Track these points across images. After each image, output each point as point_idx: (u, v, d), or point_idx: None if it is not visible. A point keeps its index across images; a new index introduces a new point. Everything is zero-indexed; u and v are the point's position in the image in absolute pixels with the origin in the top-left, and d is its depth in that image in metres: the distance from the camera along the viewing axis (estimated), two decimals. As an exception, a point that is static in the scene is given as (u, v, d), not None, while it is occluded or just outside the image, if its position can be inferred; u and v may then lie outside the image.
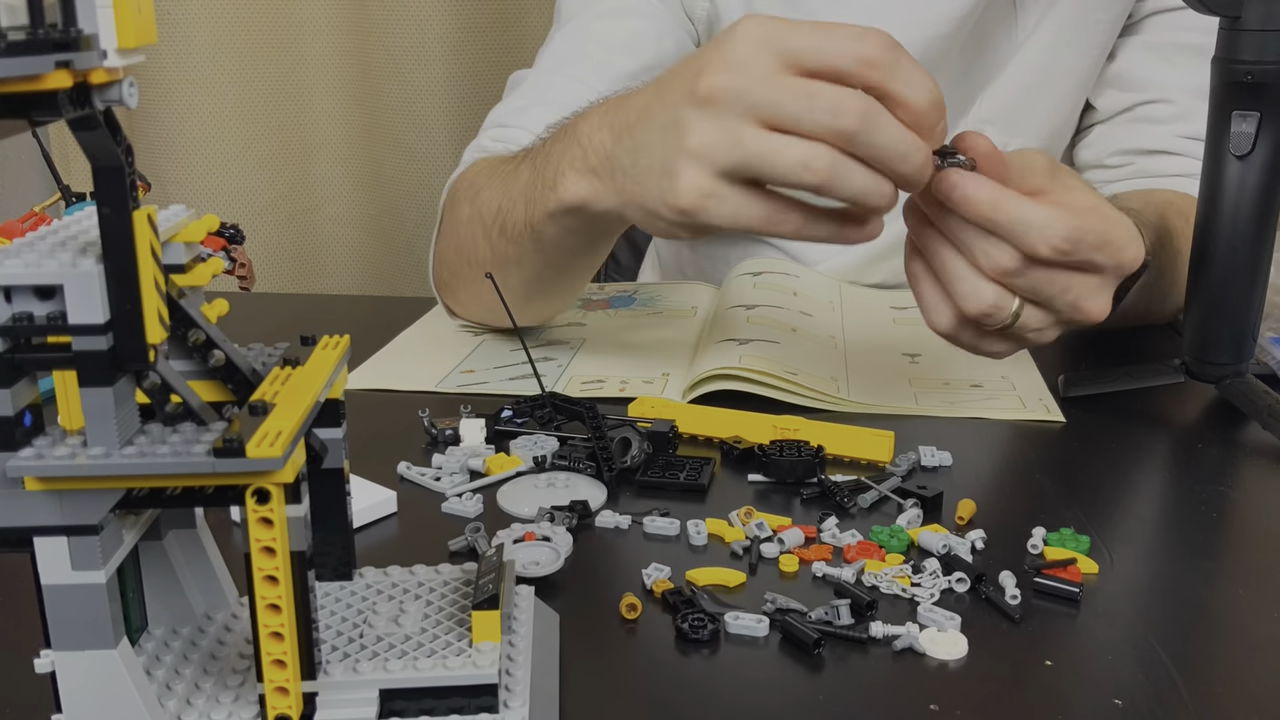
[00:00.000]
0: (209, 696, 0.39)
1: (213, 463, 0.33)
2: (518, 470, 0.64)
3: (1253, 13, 0.64)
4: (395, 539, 0.58)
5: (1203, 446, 0.70)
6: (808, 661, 0.47)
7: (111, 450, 0.34)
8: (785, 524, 0.57)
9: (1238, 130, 0.66)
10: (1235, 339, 0.70)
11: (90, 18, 0.30)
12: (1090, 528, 0.57)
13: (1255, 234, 0.68)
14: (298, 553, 0.36)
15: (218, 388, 0.39)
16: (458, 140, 1.53)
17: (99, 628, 0.35)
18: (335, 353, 0.41)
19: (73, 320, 0.33)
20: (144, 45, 0.32)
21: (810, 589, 0.52)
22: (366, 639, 0.41)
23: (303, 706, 0.37)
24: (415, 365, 0.83)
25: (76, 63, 0.30)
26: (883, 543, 0.55)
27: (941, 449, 0.66)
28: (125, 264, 0.33)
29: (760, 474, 0.63)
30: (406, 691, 0.39)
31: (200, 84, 1.52)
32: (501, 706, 0.39)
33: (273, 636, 0.36)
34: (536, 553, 0.54)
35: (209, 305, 0.40)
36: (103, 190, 0.33)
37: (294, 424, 0.34)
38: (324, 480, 0.43)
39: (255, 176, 1.58)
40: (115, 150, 0.32)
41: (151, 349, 0.34)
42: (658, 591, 0.51)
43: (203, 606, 0.43)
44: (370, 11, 1.54)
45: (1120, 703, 0.44)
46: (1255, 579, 0.54)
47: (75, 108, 0.31)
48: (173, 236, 0.38)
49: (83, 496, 0.34)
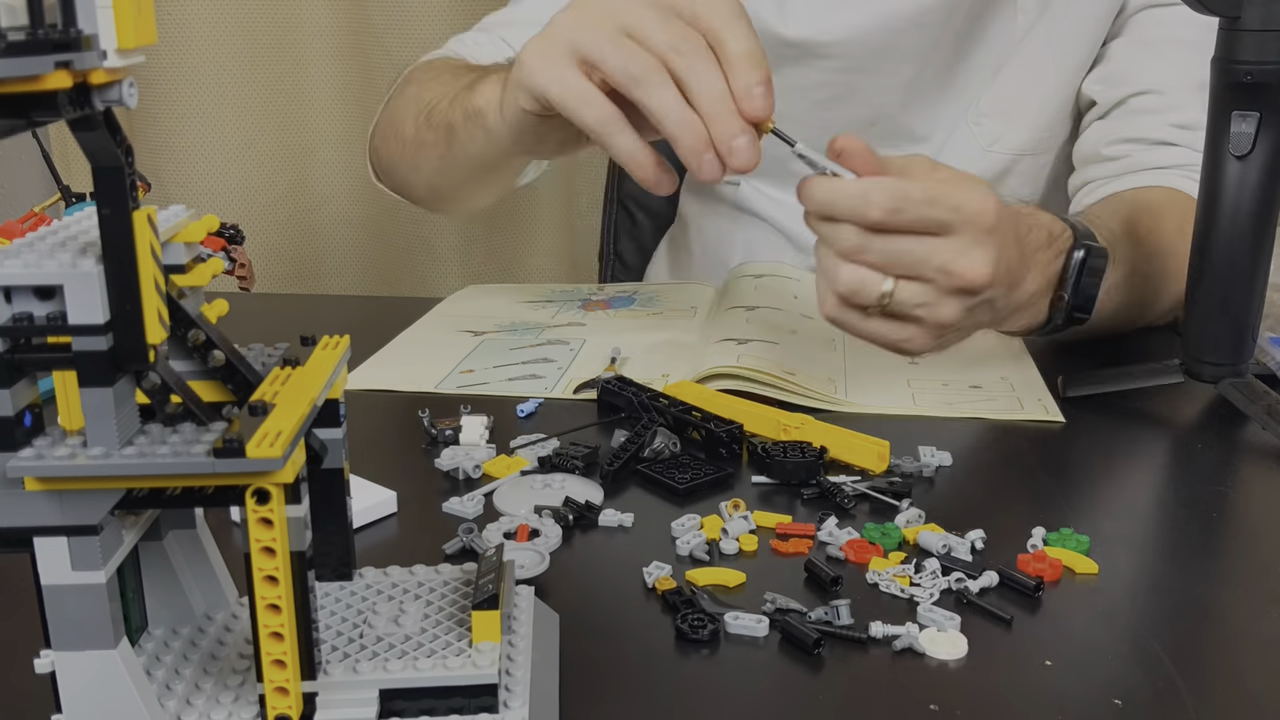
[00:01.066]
0: (209, 697, 0.39)
1: (213, 463, 0.33)
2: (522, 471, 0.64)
3: (1252, 13, 0.64)
4: (395, 539, 0.58)
5: (1202, 446, 0.70)
6: (808, 661, 0.47)
7: (111, 450, 0.34)
8: (785, 520, 0.57)
9: (1237, 130, 0.66)
10: (1235, 339, 0.70)
11: (90, 18, 0.30)
12: (1090, 528, 0.57)
13: (1255, 234, 0.68)
14: (298, 553, 0.36)
15: (218, 388, 0.39)
16: (457, 140, 1.53)
17: (99, 628, 0.35)
18: (335, 353, 0.41)
19: (73, 320, 0.33)
20: (144, 46, 0.32)
21: (810, 590, 0.52)
22: (366, 639, 0.41)
23: (303, 707, 0.37)
24: (415, 365, 0.83)
25: (76, 63, 0.30)
26: (875, 540, 0.56)
27: (941, 449, 0.66)
28: (125, 264, 0.33)
29: (764, 475, 0.63)
30: (406, 691, 0.39)
31: (200, 84, 1.53)
32: (501, 706, 0.39)
33: (273, 637, 0.36)
34: (522, 556, 0.54)
35: (209, 305, 0.40)
36: (103, 191, 0.33)
37: (294, 424, 0.34)
38: (324, 480, 0.43)
39: (255, 176, 1.58)
40: (115, 150, 0.32)
41: (151, 349, 0.34)
42: (660, 589, 0.51)
43: (203, 606, 0.43)
44: (369, 12, 1.54)
45: (1120, 703, 0.44)
46: (1255, 579, 0.54)
47: (75, 108, 0.31)
48: (172, 237, 0.38)
49: (82, 497, 0.34)
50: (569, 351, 0.86)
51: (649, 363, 0.83)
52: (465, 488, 0.63)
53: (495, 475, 0.64)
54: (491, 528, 0.57)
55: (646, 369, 0.81)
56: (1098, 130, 1.00)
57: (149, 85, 1.52)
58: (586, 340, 0.88)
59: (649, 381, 0.76)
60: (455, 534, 0.56)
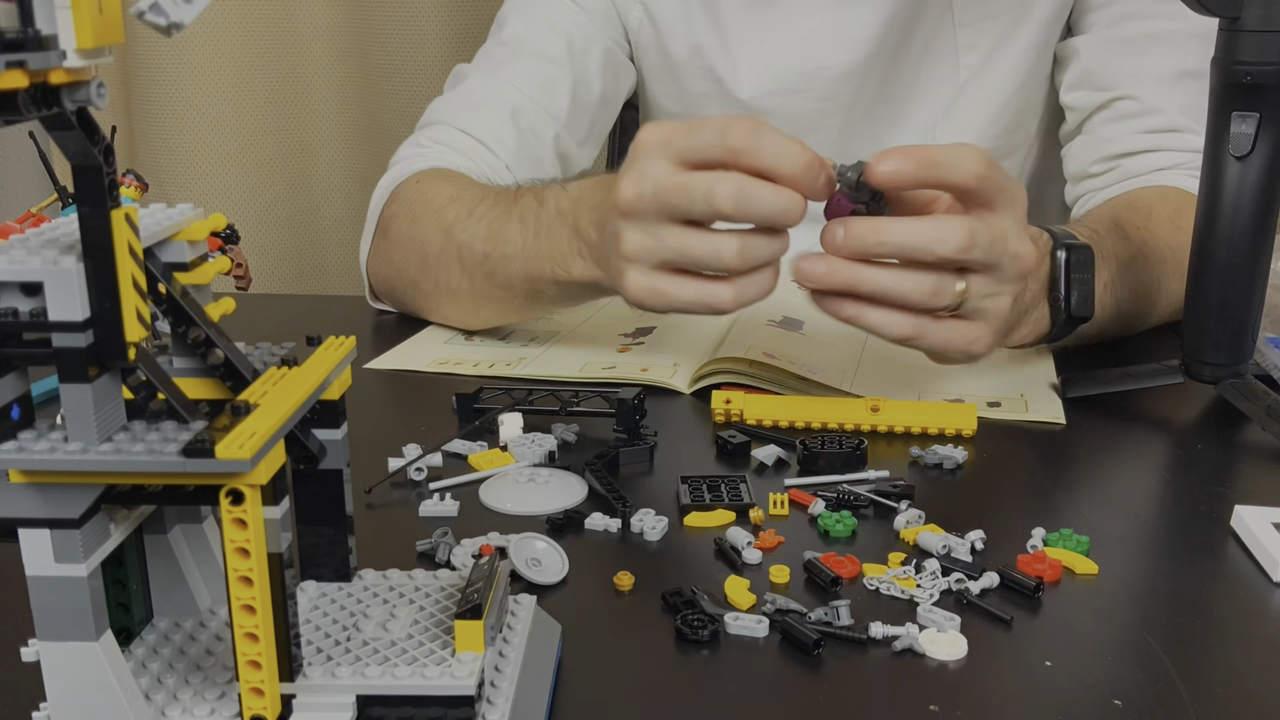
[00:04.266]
0: (195, 692, 0.39)
1: (183, 462, 0.33)
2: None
3: (1252, 13, 0.64)
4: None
5: (1202, 447, 0.70)
6: (808, 662, 0.47)
7: (89, 446, 0.34)
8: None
9: (1237, 131, 0.66)
10: (1234, 340, 0.70)
11: (49, 18, 0.30)
12: (1090, 528, 0.57)
13: (1255, 234, 0.68)
14: (274, 555, 0.35)
15: (217, 385, 0.39)
16: (457, 141, 1.52)
17: (80, 620, 0.35)
18: (336, 354, 0.41)
19: (53, 317, 0.33)
20: (109, 45, 0.31)
21: (810, 591, 0.52)
22: (353, 643, 0.41)
23: (279, 708, 0.37)
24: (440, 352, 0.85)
25: (31, 63, 0.29)
26: (828, 528, 0.57)
27: (955, 446, 0.67)
28: (104, 263, 0.33)
29: (800, 469, 0.65)
30: (384, 699, 0.38)
31: (200, 84, 1.52)
32: (479, 718, 0.39)
33: (248, 637, 0.36)
34: (540, 554, 0.53)
35: (214, 304, 0.40)
36: (81, 189, 0.33)
37: (271, 425, 0.34)
38: (323, 481, 0.43)
39: (255, 177, 1.58)
40: (92, 150, 0.32)
41: (131, 347, 0.34)
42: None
43: (207, 601, 0.43)
44: (369, 13, 1.54)
45: (1120, 703, 0.44)
46: (1255, 579, 0.54)
47: (39, 108, 0.30)
48: (175, 235, 0.38)
49: (63, 490, 0.34)
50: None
51: (663, 353, 0.84)
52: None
53: (479, 468, 0.64)
54: (467, 542, 0.56)
55: (661, 358, 0.82)
56: (1083, 146, 1.00)
57: (149, 85, 1.51)
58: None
59: (666, 367, 0.77)
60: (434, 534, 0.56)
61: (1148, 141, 0.95)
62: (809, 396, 0.74)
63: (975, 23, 1.01)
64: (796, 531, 0.58)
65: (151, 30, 0.33)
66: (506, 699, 0.40)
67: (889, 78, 1.03)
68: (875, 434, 0.70)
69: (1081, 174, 1.00)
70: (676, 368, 0.80)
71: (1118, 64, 0.97)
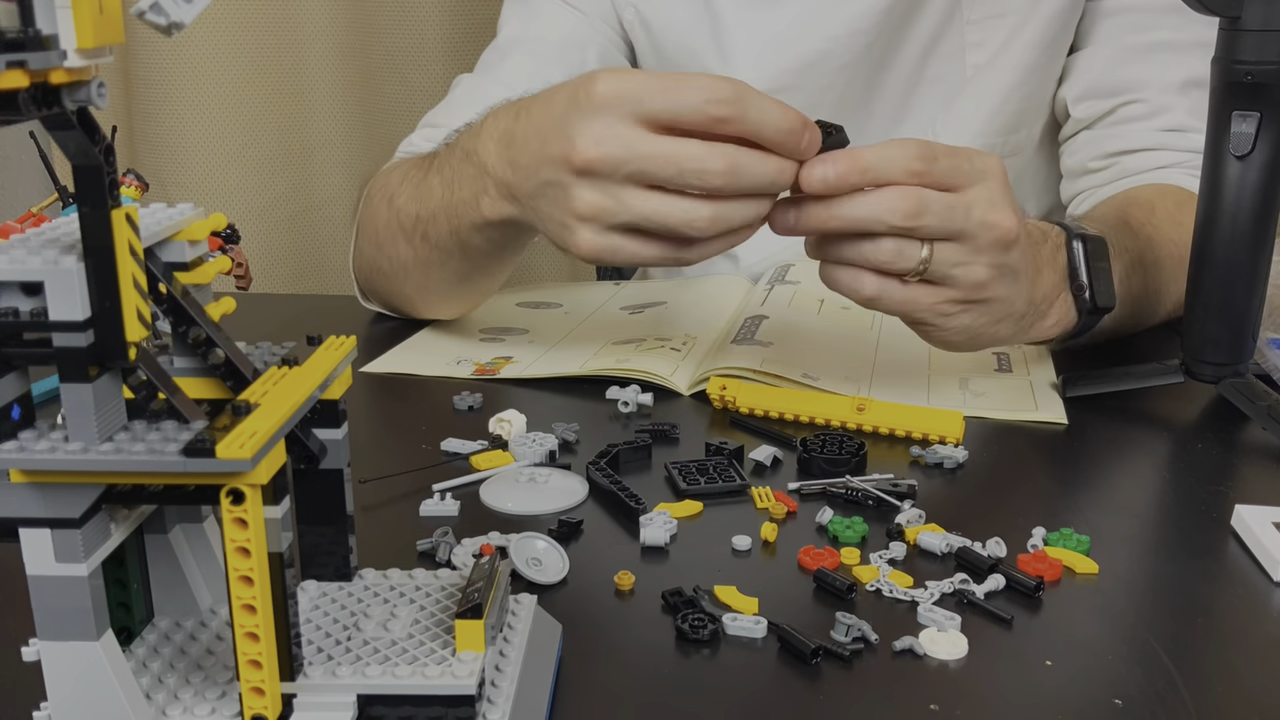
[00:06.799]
0: (196, 692, 0.39)
1: (183, 462, 0.33)
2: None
3: (1253, 13, 0.64)
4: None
5: (1202, 446, 0.70)
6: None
7: (89, 446, 0.34)
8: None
9: (1238, 130, 0.66)
10: (1235, 339, 0.70)
11: (49, 18, 0.30)
12: (1090, 528, 0.57)
13: (1255, 234, 0.68)
14: (275, 554, 0.35)
15: (217, 385, 0.39)
16: (457, 141, 1.53)
17: (81, 620, 0.35)
18: (337, 354, 0.41)
19: (53, 317, 0.33)
20: (109, 45, 0.31)
21: (819, 601, 0.52)
22: (354, 642, 0.41)
23: (280, 708, 0.37)
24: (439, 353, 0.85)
25: (32, 63, 0.29)
26: (838, 532, 0.56)
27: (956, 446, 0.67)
28: (104, 262, 0.33)
29: (800, 471, 0.65)
30: (385, 698, 0.38)
31: (200, 84, 1.52)
32: (480, 718, 0.39)
33: (248, 637, 0.36)
34: (540, 553, 0.53)
35: (215, 304, 0.40)
36: (82, 189, 0.33)
37: (271, 425, 0.34)
38: (324, 480, 0.43)
39: (255, 177, 1.58)
40: (93, 150, 0.32)
41: (132, 346, 0.34)
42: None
43: (208, 601, 0.43)
44: (370, 12, 1.54)
45: (1120, 703, 0.44)
46: (1255, 579, 0.54)
47: (40, 108, 0.30)
48: (175, 234, 0.38)
49: (63, 490, 0.34)
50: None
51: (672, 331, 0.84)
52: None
53: (479, 467, 0.64)
54: (468, 542, 0.56)
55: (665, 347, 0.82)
56: (1085, 142, 1.00)
57: (149, 85, 1.51)
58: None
59: (676, 349, 0.77)
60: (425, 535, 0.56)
61: (1150, 140, 0.95)
62: (802, 390, 0.75)
63: (985, 20, 1.00)
64: (801, 533, 0.58)
65: (151, 30, 0.33)
66: (507, 698, 0.40)
67: (890, 71, 1.03)
68: (876, 435, 0.70)
69: (1080, 170, 1.00)
70: (679, 360, 0.80)
71: (1125, 72, 0.97)
